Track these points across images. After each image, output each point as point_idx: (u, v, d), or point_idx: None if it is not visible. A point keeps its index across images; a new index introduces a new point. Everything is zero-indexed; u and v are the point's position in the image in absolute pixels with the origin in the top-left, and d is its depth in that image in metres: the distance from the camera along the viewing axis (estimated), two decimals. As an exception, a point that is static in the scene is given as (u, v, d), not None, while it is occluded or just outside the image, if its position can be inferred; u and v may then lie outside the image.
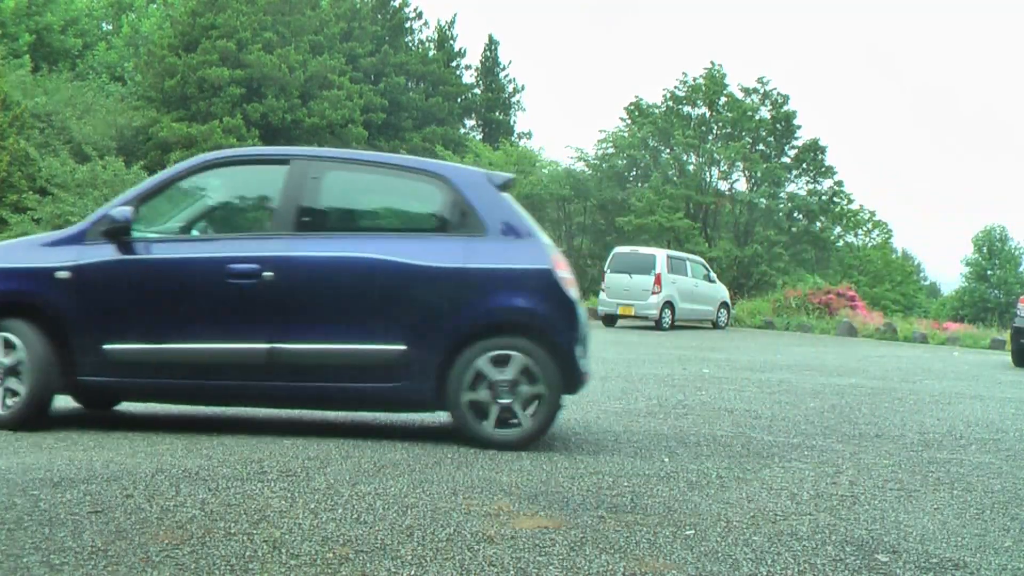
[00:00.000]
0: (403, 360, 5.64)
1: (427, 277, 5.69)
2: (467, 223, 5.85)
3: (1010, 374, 14.22)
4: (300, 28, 37.15)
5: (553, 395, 5.73)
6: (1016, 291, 53.47)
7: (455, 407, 5.70)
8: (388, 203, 6.31)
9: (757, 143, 36.92)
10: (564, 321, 5.76)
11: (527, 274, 5.77)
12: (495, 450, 5.64)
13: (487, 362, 5.66)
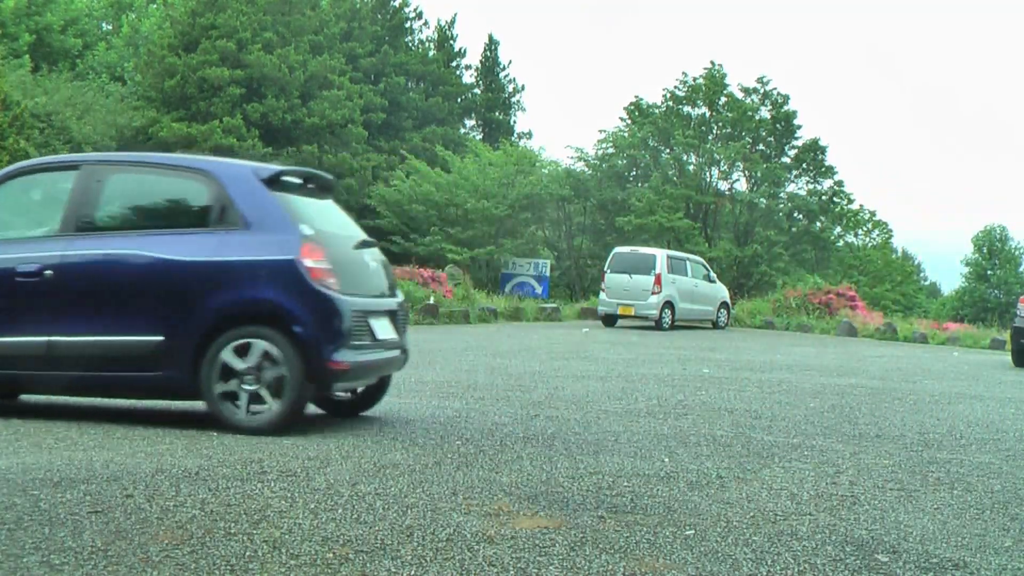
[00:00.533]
0: (161, 350, 5.92)
1: (179, 271, 5.98)
2: (227, 218, 6.05)
3: (1010, 374, 14.21)
4: (300, 28, 37.13)
5: (296, 382, 5.82)
6: (1016, 291, 53.46)
7: (208, 395, 5.92)
8: (160, 201, 6.51)
9: (757, 143, 36.92)
10: (306, 311, 5.85)
11: (270, 266, 5.92)
12: (248, 435, 5.74)
13: (231, 351, 5.86)
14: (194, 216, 6.24)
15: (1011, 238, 63.24)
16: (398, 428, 6.41)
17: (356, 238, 6.73)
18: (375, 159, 37.98)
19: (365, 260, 6.60)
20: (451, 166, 34.64)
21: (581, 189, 36.55)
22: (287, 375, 5.80)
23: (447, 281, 24.79)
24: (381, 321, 6.52)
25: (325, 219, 6.54)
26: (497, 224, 33.48)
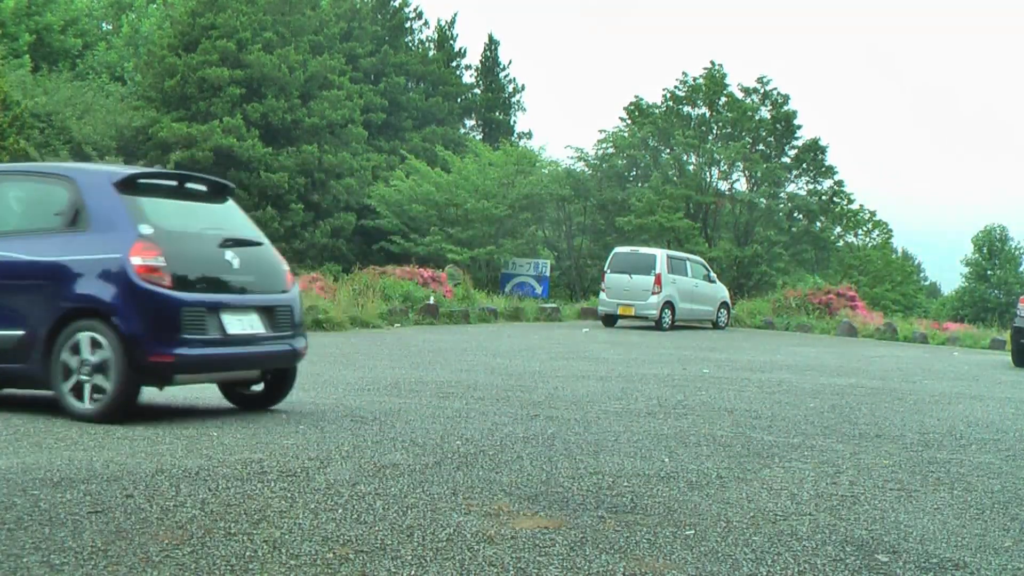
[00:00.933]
0: (22, 344, 6.38)
1: (31, 270, 6.48)
2: (79, 220, 6.46)
3: (1010, 374, 14.21)
4: (300, 28, 37.13)
5: (120, 373, 6.12)
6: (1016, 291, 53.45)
7: (56, 387, 6.31)
8: (27, 206, 6.91)
9: (757, 143, 36.91)
10: (129, 306, 6.16)
11: (99, 264, 6.28)
12: (82, 422, 6.03)
13: (69, 345, 6.24)
14: (55, 219, 6.64)
15: (1011, 238, 63.26)
16: (398, 428, 6.41)
17: (221, 237, 6.79)
18: (375, 159, 37.98)
19: (225, 258, 6.69)
20: (451, 166, 34.64)
21: (581, 189, 36.55)
22: (112, 367, 6.14)
23: (447, 281, 24.79)
24: (244, 316, 6.69)
25: (187, 219, 6.85)
26: (497, 224, 33.48)
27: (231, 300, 6.66)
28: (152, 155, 32.83)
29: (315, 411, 7.06)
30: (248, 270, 6.82)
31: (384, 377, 9.80)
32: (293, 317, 7.11)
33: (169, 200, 6.84)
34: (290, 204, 34.75)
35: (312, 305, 18.07)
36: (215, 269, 6.64)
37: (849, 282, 35.31)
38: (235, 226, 7.09)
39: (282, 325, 6.96)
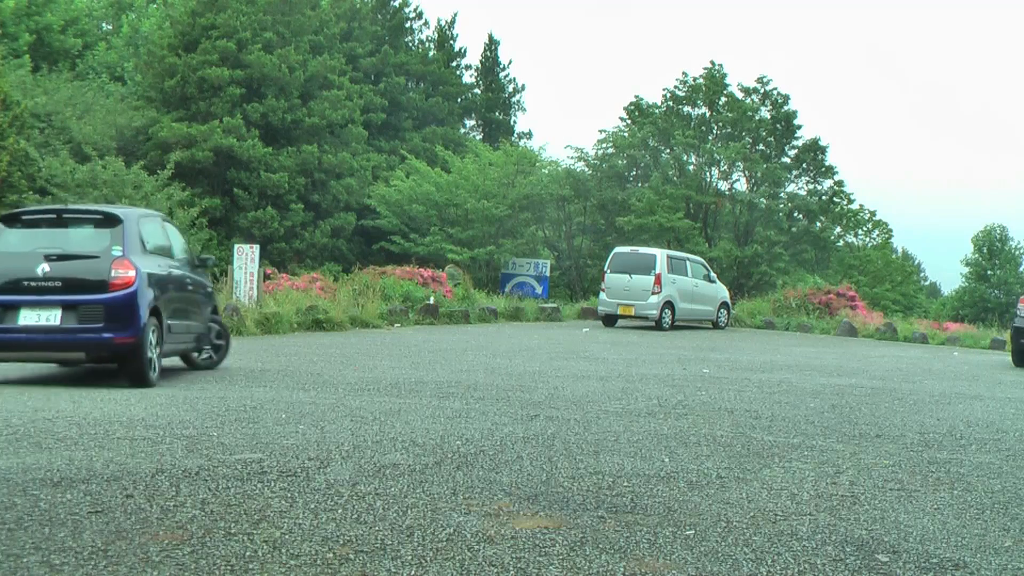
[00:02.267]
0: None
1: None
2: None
3: (1010, 374, 14.21)
4: (300, 28, 37.13)
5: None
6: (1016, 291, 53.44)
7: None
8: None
9: (757, 143, 36.91)
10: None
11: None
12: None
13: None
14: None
15: (1011, 238, 63.23)
16: (398, 428, 6.41)
17: (44, 254, 8.49)
18: (375, 159, 37.98)
19: (36, 269, 8.38)
20: (451, 166, 34.64)
21: (581, 189, 36.55)
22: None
23: (447, 281, 24.80)
24: (43, 312, 8.35)
25: (28, 242, 8.70)
26: (497, 224, 33.47)
27: (31, 300, 8.36)
28: (152, 155, 32.82)
29: (315, 411, 7.06)
30: (58, 277, 8.41)
31: (384, 377, 9.80)
32: (108, 313, 8.41)
33: (37, 228, 8.99)
34: (290, 204, 34.74)
35: (312, 305, 18.07)
36: (23, 277, 8.36)
37: (849, 282, 35.31)
38: (77, 245, 8.87)
39: (92, 319, 8.35)
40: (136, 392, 7.89)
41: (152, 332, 8.74)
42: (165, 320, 9.06)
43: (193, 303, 10.07)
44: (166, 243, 9.91)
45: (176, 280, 9.63)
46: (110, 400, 7.30)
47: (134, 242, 8.85)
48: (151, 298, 8.74)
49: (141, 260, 8.80)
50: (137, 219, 9.29)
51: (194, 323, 10.03)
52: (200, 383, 8.77)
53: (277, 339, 15.30)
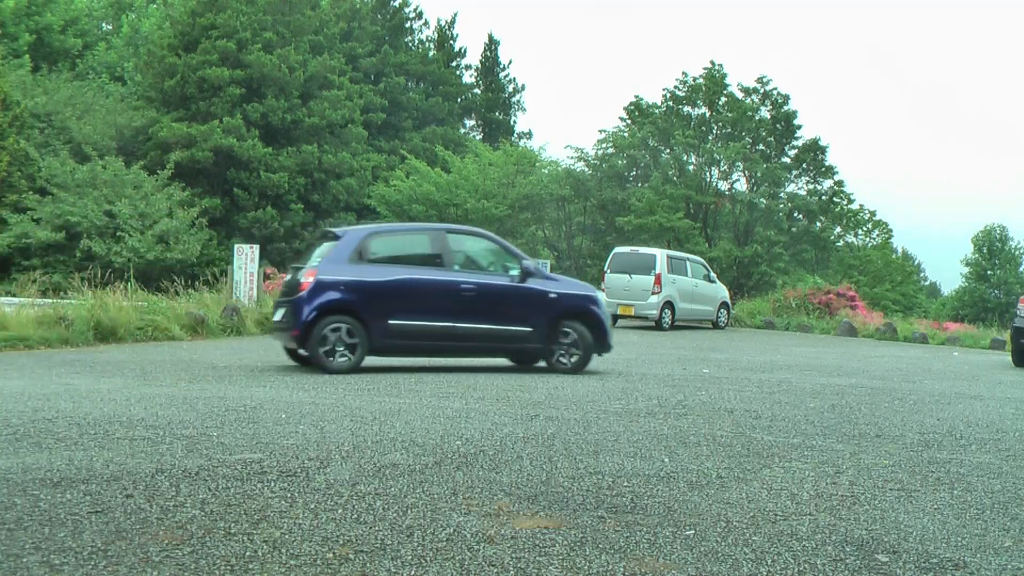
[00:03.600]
0: None
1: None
2: None
3: (1010, 374, 14.21)
4: (300, 28, 37.13)
5: None
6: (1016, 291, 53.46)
7: None
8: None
9: (757, 143, 36.92)
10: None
11: None
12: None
13: None
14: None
15: (1011, 238, 63.23)
16: (398, 428, 6.41)
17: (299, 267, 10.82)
18: (375, 159, 37.98)
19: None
20: (451, 166, 34.64)
21: (581, 189, 36.55)
22: None
23: (447, 281, 24.74)
24: (279, 310, 10.73)
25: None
26: (497, 224, 33.47)
27: (280, 301, 10.91)
28: (152, 155, 32.83)
29: (315, 411, 7.06)
30: (289, 284, 10.84)
31: (384, 377, 9.81)
32: (293, 310, 10.31)
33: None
34: (290, 204, 34.75)
35: (312, 305, 18.07)
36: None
37: (849, 282, 35.30)
38: (310, 260, 10.85)
39: (293, 315, 10.25)
40: (136, 392, 7.89)
41: (328, 328, 10.14)
42: (374, 319, 10.31)
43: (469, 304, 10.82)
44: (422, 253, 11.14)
45: (414, 286, 10.70)
46: (110, 400, 7.31)
47: (343, 254, 10.50)
48: (327, 300, 10.23)
49: (340, 268, 10.39)
50: (362, 236, 10.83)
51: (453, 324, 10.77)
52: (200, 383, 8.78)
53: (277, 339, 15.28)
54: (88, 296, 14.45)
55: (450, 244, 11.07)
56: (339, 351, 10.23)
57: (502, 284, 10.98)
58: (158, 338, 13.87)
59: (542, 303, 11.03)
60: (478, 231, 12.11)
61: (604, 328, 11.48)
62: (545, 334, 10.97)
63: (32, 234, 27.94)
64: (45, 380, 8.65)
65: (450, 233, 11.40)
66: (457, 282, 10.74)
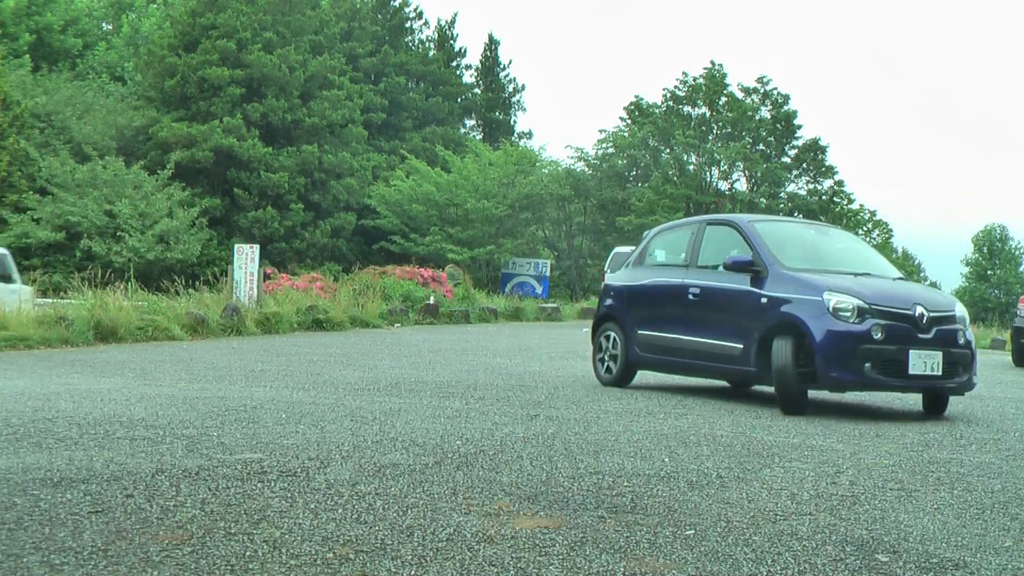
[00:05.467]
0: None
1: None
2: None
3: (1010, 374, 14.21)
4: (300, 28, 37.13)
5: None
6: (1016, 291, 53.45)
7: None
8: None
9: (757, 143, 36.93)
10: None
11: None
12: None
13: None
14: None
15: (1011, 238, 63.29)
16: (398, 428, 6.41)
17: None
18: (375, 159, 37.99)
19: None
20: (451, 166, 34.64)
21: (581, 189, 36.57)
22: None
23: (447, 281, 24.81)
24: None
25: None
26: (497, 224, 33.48)
27: None
28: (152, 155, 32.83)
29: (315, 411, 7.06)
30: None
31: (384, 377, 9.81)
32: None
33: None
34: (290, 204, 34.75)
35: (312, 305, 18.08)
36: None
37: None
38: None
39: None
40: (136, 392, 7.89)
41: (602, 336, 9.90)
42: (628, 329, 9.64)
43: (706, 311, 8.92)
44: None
45: (657, 289, 9.52)
46: (110, 400, 7.31)
47: (633, 255, 10.27)
48: (603, 305, 10.19)
49: (621, 271, 10.29)
50: (651, 233, 10.35)
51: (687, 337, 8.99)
52: (200, 383, 8.78)
53: (277, 339, 15.30)
54: (88, 296, 14.46)
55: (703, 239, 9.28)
56: (606, 363, 9.76)
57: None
58: (158, 338, 13.88)
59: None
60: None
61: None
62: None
63: (32, 234, 27.95)
64: (45, 380, 8.65)
65: (709, 225, 9.47)
66: (686, 285, 9.07)
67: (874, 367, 7.74)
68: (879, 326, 7.78)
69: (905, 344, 7.82)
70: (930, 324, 7.97)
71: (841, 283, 8.10)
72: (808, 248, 9.14)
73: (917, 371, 7.81)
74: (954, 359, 8.04)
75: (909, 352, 7.80)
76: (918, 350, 7.82)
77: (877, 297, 7.94)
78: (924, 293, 8.49)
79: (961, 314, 8.33)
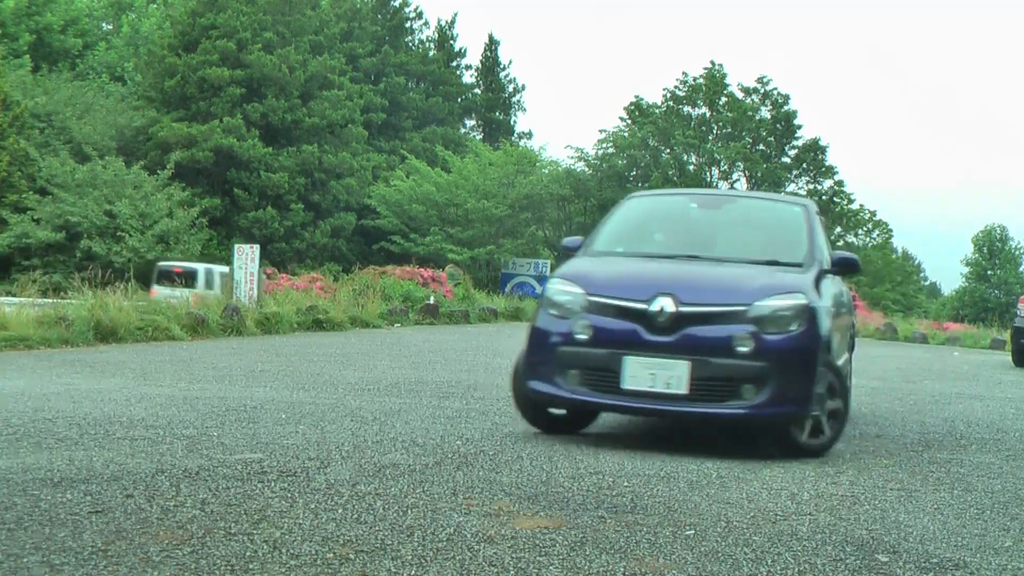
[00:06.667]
0: None
1: None
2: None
3: (1010, 374, 14.21)
4: (300, 28, 37.14)
5: None
6: (1016, 291, 53.46)
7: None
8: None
9: (757, 143, 36.94)
10: None
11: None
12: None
13: None
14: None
15: (1011, 238, 63.27)
16: (398, 428, 6.41)
17: None
18: (375, 159, 37.99)
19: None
20: (451, 166, 34.65)
21: (581, 189, 36.58)
22: None
23: (447, 281, 24.82)
24: None
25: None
26: (497, 224, 33.48)
27: None
28: (152, 155, 32.84)
29: (315, 411, 7.06)
30: None
31: (384, 377, 9.80)
32: None
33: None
34: (290, 204, 34.76)
35: (312, 305, 18.07)
36: None
37: (849, 282, 35.29)
38: None
39: None
40: (136, 392, 7.89)
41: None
42: None
43: None
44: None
45: None
46: (110, 400, 7.31)
47: None
48: None
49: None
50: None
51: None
52: (200, 383, 8.78)
53: (277, 339, 15.30)
54: (88, 296, 14.45)
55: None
56: None
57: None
58: (158, 338, 13.87)
59: None
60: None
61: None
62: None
63: (32, 234, 27.95)
64: (45, 380, 8.65)
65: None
66: None
67: (581, 378, 5.96)
68: (588, 324, 5.95)
69: (620, 348, 5.83)
70: (676, 322, 5.75)
71: (579, 267, 6.57)
72: (670, 227, 7.45)
73: (637, 386, 5.76)
74: (722, 373, 5.71)
75: (624, 359, 5.80)
76: (641, 356, 5.77)
77: (608, 284, 6.11)
78: (735, 280, 6.11)
79: (777, 311, 5.80)
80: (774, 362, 5.69)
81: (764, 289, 5.91)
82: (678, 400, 5.76)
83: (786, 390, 5.74)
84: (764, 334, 5.71)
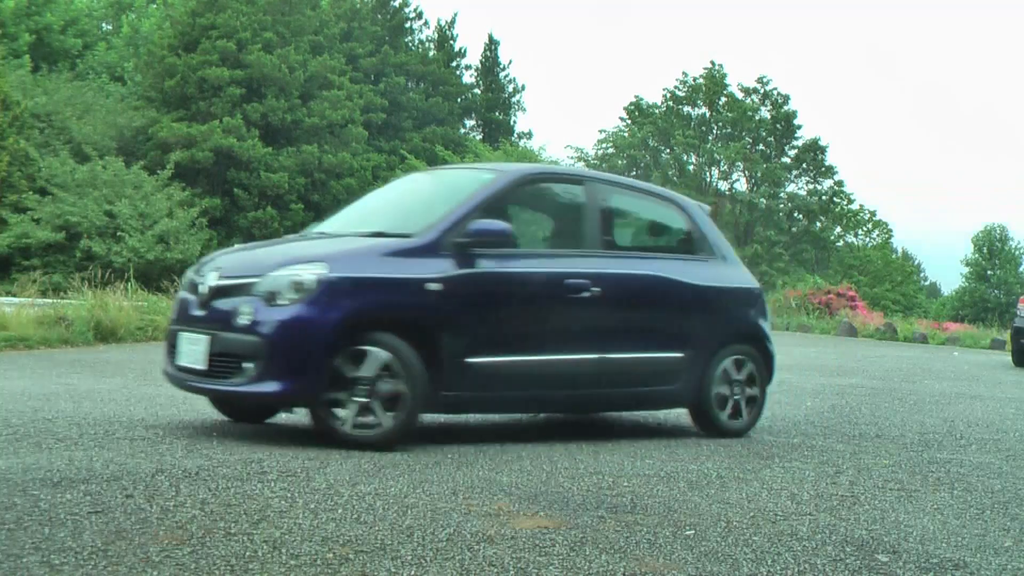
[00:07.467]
0: None
1: None
2: None
3: (1010, 374, 14.21)
4: (300, 28, 37.15)
5: None
6: (1016, 291, 53.45)
7: None
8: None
9: (757, 143, 36.95)
10: None
11: None
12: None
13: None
14: None
15: (1011, 238, 63.20)
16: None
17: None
18: (375, 159, 38.00)
19: None
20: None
21: (581, 189, 36.60)
22: None
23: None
24: None
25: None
26: (497, 224, 33.50)
27: None
28: (152, 155, 32.84)
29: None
30: None
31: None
32: None
33: None
34: (290, 204, 34.77)
35: (312, 305, 18.06)
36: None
37: (849, 282, 35.33)
38: None
39: None
40: (136, 392, 7.89)
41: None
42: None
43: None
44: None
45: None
46: (110, 400, 7.31)
47: None
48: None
49: None
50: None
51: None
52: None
53: (277, 339, 15.27)
54: (88, 296, 14.44)
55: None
56: None
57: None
58: (158, 338, 13.86)
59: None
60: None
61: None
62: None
63: (32, 234, 27.94)
64: (45, 380, 8.65)
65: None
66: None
67: (169, 355, 6.00)
68: (180, 301, 6.06)
69: (177, 324, 5.91)
70: (213, 296, 5.64)
71: (229, 253, 6.35)
72: (360, 205, 7.14)
73: (184, 362, 5.72)
74: (228, 348, 5.44)
75: (179, 335, 5.81)
76: (187, 332, 5.74)
77: (212, 263, 6.00)
78: (280, 253, 5.87)
79: (287, 281, 5.38)
80: (266, 336, 5.33)
81: (289, 260, 5.56)
82: (200, 376, 5.62)
83: (279, 367, 5.33)
84: (267, 306, 5.35)
